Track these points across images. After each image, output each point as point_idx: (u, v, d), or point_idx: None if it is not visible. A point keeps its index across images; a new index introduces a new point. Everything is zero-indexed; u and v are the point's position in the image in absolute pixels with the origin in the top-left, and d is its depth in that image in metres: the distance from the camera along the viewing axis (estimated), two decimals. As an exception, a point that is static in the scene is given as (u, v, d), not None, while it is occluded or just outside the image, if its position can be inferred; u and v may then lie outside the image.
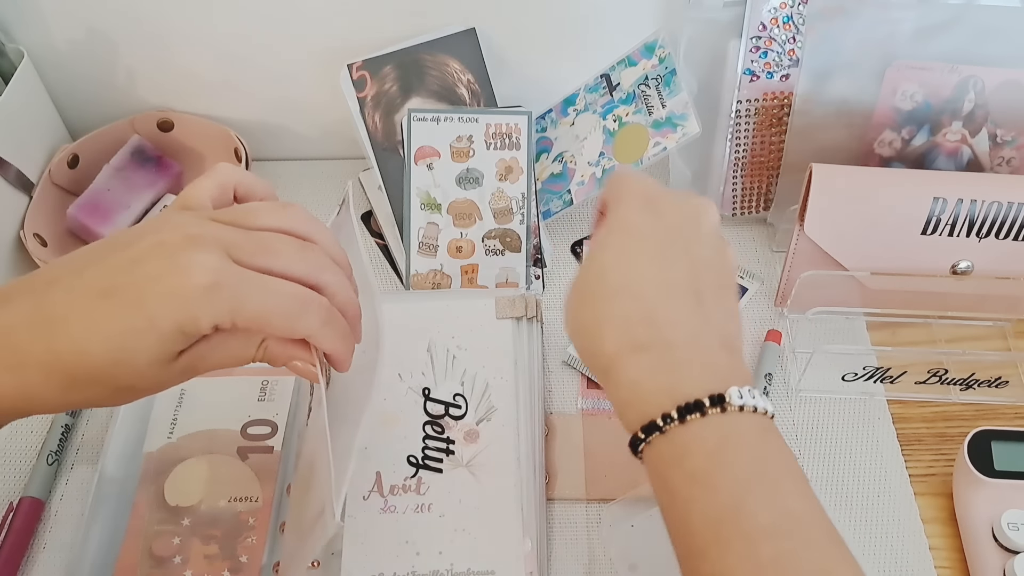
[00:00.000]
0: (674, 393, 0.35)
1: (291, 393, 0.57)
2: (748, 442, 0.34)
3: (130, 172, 0.69)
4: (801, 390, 0.60)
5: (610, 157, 0.65)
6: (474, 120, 0.64)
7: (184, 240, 0.35)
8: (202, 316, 0.34)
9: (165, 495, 0.52)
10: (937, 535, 0.53)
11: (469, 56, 0.66)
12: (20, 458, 0.56)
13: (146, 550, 0.50)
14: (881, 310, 0.62)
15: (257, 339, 0.38)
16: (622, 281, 0.38)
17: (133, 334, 0.34)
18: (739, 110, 0.64)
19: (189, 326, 0.34)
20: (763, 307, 0.65)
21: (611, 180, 0.43)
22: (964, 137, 0.62)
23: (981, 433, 0.53)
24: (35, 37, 0.67)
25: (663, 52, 0.63)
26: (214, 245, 0.35)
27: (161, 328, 0.34)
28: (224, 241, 0.35)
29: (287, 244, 0.37)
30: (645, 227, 0.40)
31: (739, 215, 0.70)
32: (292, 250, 0.37)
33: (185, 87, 0.71)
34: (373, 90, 0.65)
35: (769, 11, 0.61)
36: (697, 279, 0.39)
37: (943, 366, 0.59)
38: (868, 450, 0.57)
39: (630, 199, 0.41)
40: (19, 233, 0.64)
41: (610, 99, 0.66)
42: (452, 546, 0.50)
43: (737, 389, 0.35)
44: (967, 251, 0.58)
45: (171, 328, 0.34)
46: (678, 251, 0.39)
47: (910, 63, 0.60)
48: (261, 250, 0.36)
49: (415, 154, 0.64)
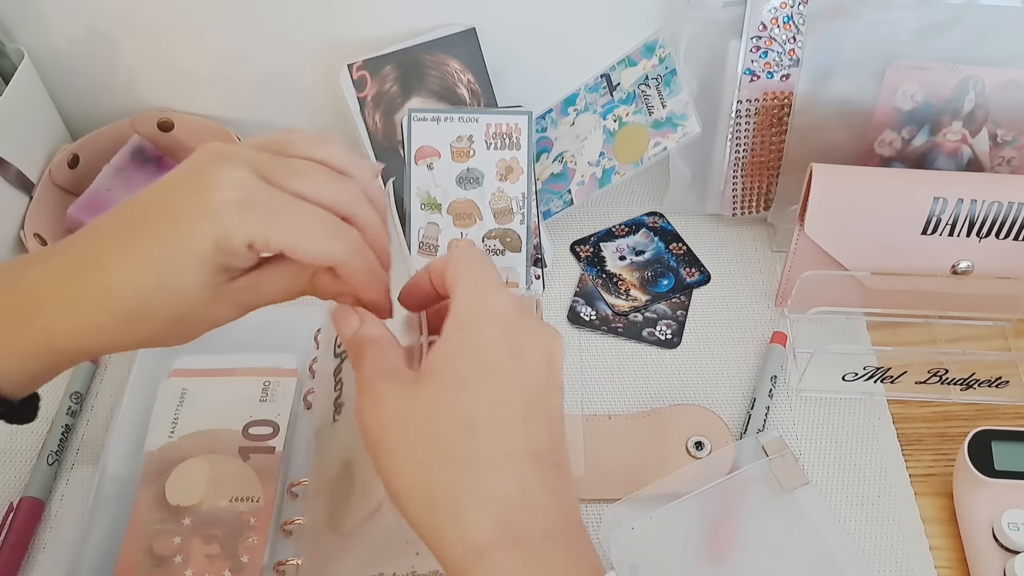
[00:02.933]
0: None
1: (292, 394, 0.57)
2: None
3: (130, 172, 0.69)
4: (801, 390, 0.60)
5: (610, 157, 0.65)
6: (474, 120, 0.64)
7: (213, 158, 0.34)
8: (234, 231, 0.33)
9: (166, 494, 0.52)
10: (937, 535, 0.53)
11: (469, 56, 0.66)
12: (20, 458, 0.56)
13: (147, 549, 0.50)
14: (881, 310, 0.62)
15: (308, 271, 0.37)
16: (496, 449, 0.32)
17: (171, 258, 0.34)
18: (739, 110, 0.64)
19: (223, 242, 0.33)
20: (763, 307, 0.65)
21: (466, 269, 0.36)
22: (964, 137, 0.62)
23: (981, 433, 0.53)
24: (35, 37, 0.67)
25: (663, 52, 0.63)
26: (243, 164, 0.34)
27: (197, 247, 0.34)
28: (255, 162, 0.35)
29: (320, 172, 0.36)
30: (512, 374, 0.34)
31: (739, 215, 0.70)
32: (325, 178, 0.36)
33: (185, 87, 0.71)
34: (373, 90, 0.65)
35: (769, 11, 0.61)
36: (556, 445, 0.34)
37: (943, 366, 0.59)
38: (868, 450, 0.57)
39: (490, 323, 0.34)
40: (19, 233, 0.64)
41: (610, 99, 0.66)
42: (452, 546, 0.50)
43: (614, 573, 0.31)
44: (967, 251, 0.58)
45: (206, 245, 0.33)
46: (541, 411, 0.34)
47: (910, 63, 0.60)
48: (292, 173, 0.35)
49: (415, 154, 0.64)
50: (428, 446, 0.32)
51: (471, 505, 0.31)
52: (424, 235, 0.64)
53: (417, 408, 0.33)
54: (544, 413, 0.34)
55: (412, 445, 0.32)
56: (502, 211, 0.64)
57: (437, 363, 0.34)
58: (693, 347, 0.63)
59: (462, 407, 0.33)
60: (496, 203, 0.64)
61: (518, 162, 0.64)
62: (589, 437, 0.57)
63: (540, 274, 0.66)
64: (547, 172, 0.68)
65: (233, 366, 0.58)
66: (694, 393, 0.60)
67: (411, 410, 0.33)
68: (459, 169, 0.64)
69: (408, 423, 0.33)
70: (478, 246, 0.64)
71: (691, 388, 0.61)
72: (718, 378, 0.61)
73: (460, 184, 0.64)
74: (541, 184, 0.68)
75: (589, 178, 0.66)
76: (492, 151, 0.64)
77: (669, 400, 0.60)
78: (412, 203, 0.64)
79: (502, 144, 0.64)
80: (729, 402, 0.60)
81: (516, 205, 0.64)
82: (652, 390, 0.61)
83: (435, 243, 0.64)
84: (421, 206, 0.64)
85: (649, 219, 0.72)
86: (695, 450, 0.55)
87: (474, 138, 0.64)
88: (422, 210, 0.64)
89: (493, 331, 0.34)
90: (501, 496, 0.31)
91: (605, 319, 0.64)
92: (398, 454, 0.33)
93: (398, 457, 0.33)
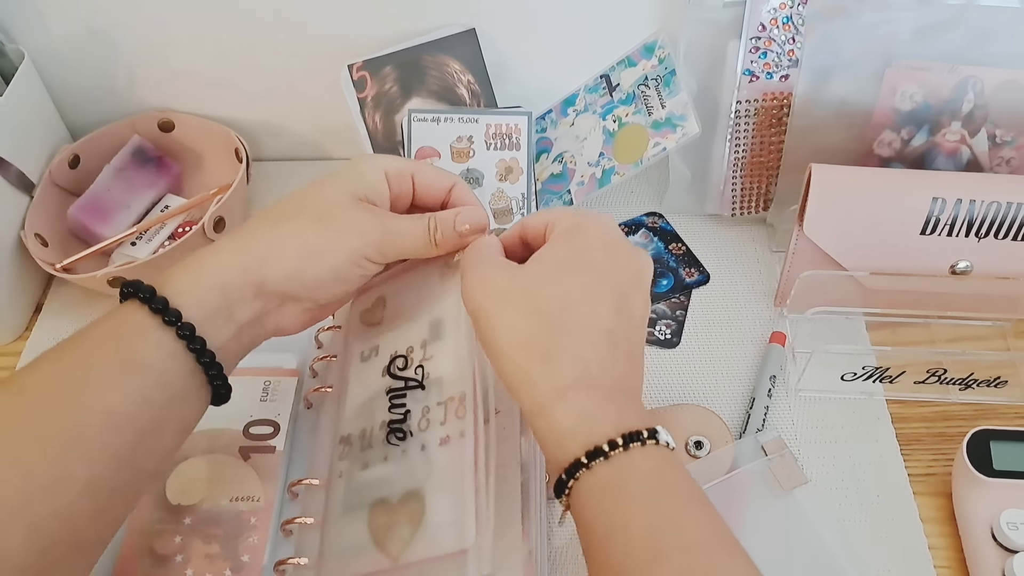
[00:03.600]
0: (619, 424, 0.37)
1: (293, 393, 0.57)
2: (678, 468, 0.37)
3: (131, 172, 0.69)
4: (800, 390, 0.60)
5: (610, 157, 0.65)
6: (474, 120, 0.64)
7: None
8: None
9: (167, 494, 0.53)
10: (936, 535, 0.53)
11: (469, 56, 0.66)
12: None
13: (147, 548, 0.51)
14: (881, 310, 0.62)
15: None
16: (585, 322, 0.39)
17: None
18: (739, 110, 0.64)
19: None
20: (763, 307, 0.65)
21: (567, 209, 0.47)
22: (963, 137, 0.62)
23: (980, 433, 0.53)
24: (35, 37, 0.67)
25: (663, 52, 0.63)
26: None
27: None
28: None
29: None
30: (607, 271, 0.41)
31: (739, 215, 0.70)
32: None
33: (185, 87, 0.71)
34: (373, 90, 0.65)
35: (769, 11, 0.61)
36: (636, 335, 0.41)
37: (942, 366, 0.60)
38: (867, 450, 0.57)
39: (595, 233, 0.42)
40: (20, 233, 0.64)
41: (610, 99, 0.66)
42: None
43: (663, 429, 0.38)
44: (966, 251, 0.58)
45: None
46: (625, 309, 0.41)
47: (910, 63, 0.60)
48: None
49: (415, 154, 0.64)
50: (529, 311, 0.39)
51: (559, 357, 0.38)
52: (424, 235, 0.64)
53: (523, 283, 0.41)
54: (627, 312, 0.41)
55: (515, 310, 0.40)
56: (502, 211, 0.64)
57: (542, 254, 0.41)
58: (692, 347, 0.63)
59: (561, 286, 0.40)
60: (496, 203, 0.64)
61: (518, 162, 0.64)
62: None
63: (540, 274, 0.66)
64: (547, 172, 0.69)
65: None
66: (693, 393, 0.60)
67: (516, 285, 0.41)
68: (459, 169, 0.64)
69: (512, 294, 0.40)
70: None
71: (690, 388, 0.61)
72: (717, 378, 0.61)
73: (460, 184, 0.64)
74: (541, 184, 0.68)
75: (589, 178, 0.66)
76: (492, 151, 0.64)
77: (668, 400, 0.60)
78: (412, 203, 0.64)
79: (502, 144, 0.64)
80: (728, 402, 0.60)
81: (516, 205, 0.64)
82: (652, 390, 0.61)
83: (435, 243, 0.64)
84: (421, 206, 0.64)
85: (648, 219, 0.72)
86: (695, 449, 0.56)
87: (474, 138, 0.64)
88: (422, 210, 0.64)
89: (593, 237, 0.42)
90: (582, 355, 0.39)
91: (605, 319, 0.65)
92: (502, 318, 0.40)
93: (502, 320, 0.40)
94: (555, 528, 0.53)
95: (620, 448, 0.36)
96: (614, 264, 0.41)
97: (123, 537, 0.51)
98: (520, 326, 0.39)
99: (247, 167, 0.67)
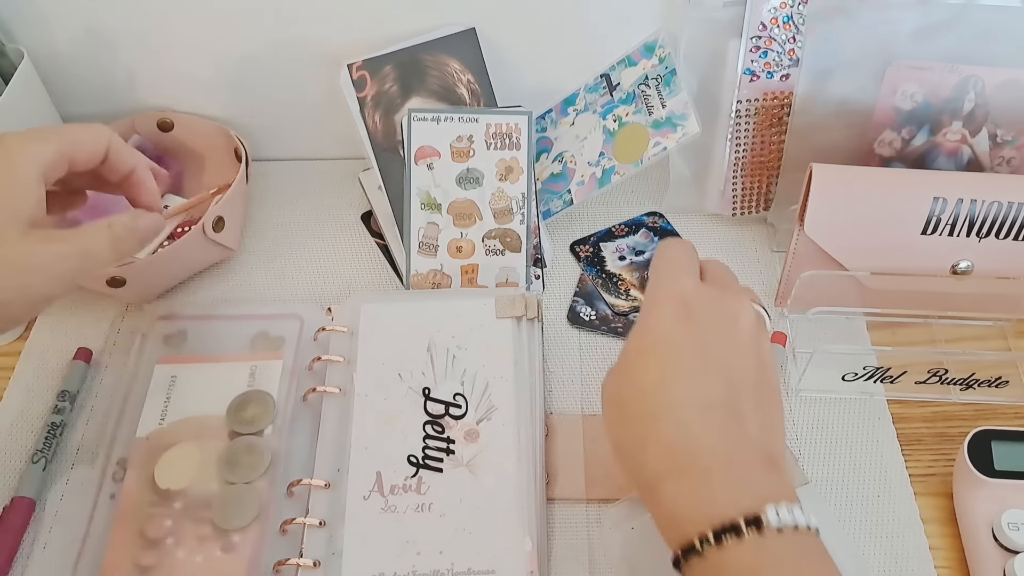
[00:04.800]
0: (712, 516, 0.35)
1: (279, 376, 0.58)
2: (786, 565, 0.34)
3: (130, 172, 0.69)
4: (801, 390, 0.60)
5: (610, 157, 0.65)
6: (474, 120, 0.64)
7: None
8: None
9: (155, 478, 0.53)
10: (937, 535, 0.53)
11: (469, 56, 0.66)
12: (14, 459, 0.57)
13: (138, 532, 0.51)
14: (881, 310, 0.62)
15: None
16: (662, 404, 0.39)
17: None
18: (739, 110, 0.64)
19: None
20: (763, 307, 0.65)
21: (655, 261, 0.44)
22: (964, 137, 0.62)
23: (981, 433, 0.53)
24: (35, 37, 0.67)
25: (663, 52, 0.63)
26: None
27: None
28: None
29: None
30: (681, 339, 0.40)
31: (739, 215, 0.70)
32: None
33: (185, 87, 0.71)
34: (373, 90, 0.65)
35: (769, 11, 0.61)
36: (735, 394, 0.39)
37: (943, 366, 0.59)
38: (868, 450, 0.57)
39: (665, 302, 0.41)
40: (19, 233, 0.64)
41: (610, 99, 0.66)
42: (453, 546, 0.50)
43: (775, 508, 0.35)
44: (967, 251, 0.58)
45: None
46: (715, 365, 0.40)
47: (910, 63, 0.60)
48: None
49: (415, 154, 0.64)
50: (620, 409, 0.41)
51: (644, 448, 0.39)
52: (424, 235, 0.64)
53: (612, 383, 0.42)
54: (721, 369, 0.40)
55: (613, 410, 0.41)
56: (502, 211, 0.64)
57: (625, 345, 0.42)
58: (693, 347, 0.63)
59: (636, 374, 0.40)
60: (496, 203, 0.64)
61: (518, 162, 0.64)
62: (589, 437, 0.57)
63: (540, 274, 0.66)
64: (547, 172, 0.69)
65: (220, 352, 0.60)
66: (694, 393, 0.60)
67: (612, 385, 0.42)
68: (459, 169, 0.64)
69: (611, 396, 0.42)
70: (479, 246, 0.64)
71: (691, 388, 0.61)
72: (718, 378, 0.61)
73: (460, 184, 0.64)
74: (541, 184, 0.68)
75: (589, 178, 0.66)
76: (492, 151, 0.64)
77: (669, 400, 0.60)
78: (412, 203, 0.64)
79: (502, 144, 0.64)
80: (729, 402, 0.60)
81: (516, 205, 0.64)
82: (652, 390, 0.60)
83: (435, 243, 0.64)
84: (421, 206, 0.64)
85: (649, 219, 0.72)
86: (695, 450, 0.55)
87: (474, 138, 0.64)
88: (422, 210, 0.64)
89: (665, 309, 0.41)
90: (662, 439, 0.38)
91: (605, 319, 0.64)
92: (610, 419, 0.41)
93: (610, 421, 0.41)
94: (555, 528, 0.53)
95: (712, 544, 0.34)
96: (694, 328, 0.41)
97: (113, 522, 0.51)
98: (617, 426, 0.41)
99: (246, 167, 0.67)
